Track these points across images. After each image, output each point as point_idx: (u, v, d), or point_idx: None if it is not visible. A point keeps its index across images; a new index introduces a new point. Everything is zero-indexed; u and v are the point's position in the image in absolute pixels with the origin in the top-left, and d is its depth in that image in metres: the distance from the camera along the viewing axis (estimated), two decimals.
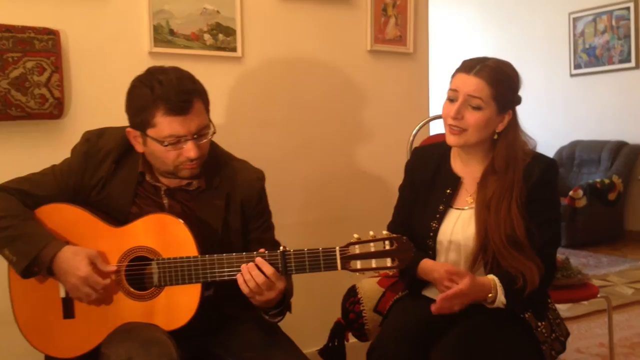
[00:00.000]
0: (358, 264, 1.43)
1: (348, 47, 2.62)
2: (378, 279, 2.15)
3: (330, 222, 2.62)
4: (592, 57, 6.02)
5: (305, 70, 2.53)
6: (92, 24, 2.11)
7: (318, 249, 1.44)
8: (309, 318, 2.52)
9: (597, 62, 5.98)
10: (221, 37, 2.29)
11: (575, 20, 6.12)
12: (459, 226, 1.72)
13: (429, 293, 1.80)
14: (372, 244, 1.43)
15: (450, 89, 1.68)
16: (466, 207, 1.74)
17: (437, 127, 2.32)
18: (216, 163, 1.65)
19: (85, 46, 2.10)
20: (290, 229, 2.49)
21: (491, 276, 1.60)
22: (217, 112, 2.34)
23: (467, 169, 1.77)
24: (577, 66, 6.15)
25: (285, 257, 1.46)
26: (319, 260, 1.44)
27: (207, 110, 1.56)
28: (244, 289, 1.45)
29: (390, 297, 1.97)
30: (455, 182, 1.77)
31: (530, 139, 1.75)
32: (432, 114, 2.79)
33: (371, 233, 1.44)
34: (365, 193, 2.70)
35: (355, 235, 1.44)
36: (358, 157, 2.69)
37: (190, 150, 1.49)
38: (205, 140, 1.54)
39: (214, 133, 1.57)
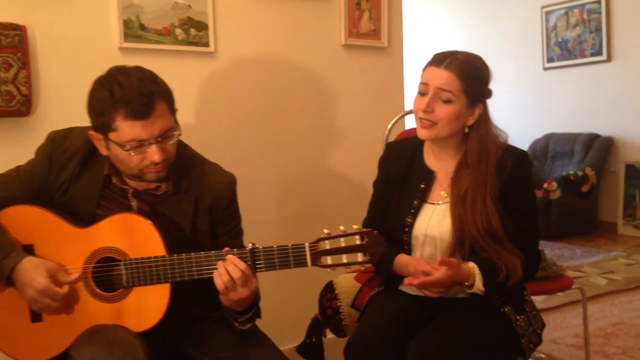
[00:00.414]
0: (329, 260, 1.41)
1: (322, 41, 2.60)
2: (355, 274, 2.14)
3: (305, 218, 2.60)
4: (565, 51, 6.09)
5: (279, 65, 2.50)
6: (60, 19, 2.06)
7: (287, 246, 1.42)
8: (286, 315, 2.51)
9: (570, 55, 6.04)
10: (193, 31, 2.25)
11: (547, 14, 6.18)
12: (434, 221, 1.72)
13: (405, 288, 1.79)
14: (342, 239, 1.41)
15: (421, 83, 1.68)
16: (440, 202, 1.74)
17: (412, 122, 2.31)
18: (185, 166, 1.62)
19: (54, 42, 2.05)
20: (265, 226, 2.47)
21: (471, 263, 1.61)
22: (190, 109, 2.31)
23: (440, 163, 1.77)
24: (550, 59, 6.21)
25: (254, 255, 1.43)
26: (288, 257, 1.42)
27: (172, 111, 1.52)
28: (220, 286, 1.43)
29: (367, 293, 1.96)
30: (428, 176, 1.77)
31: (502, 131, 1.75)
32: (407, 108, 2.79)
33: (341, 228, 1.42)
34: (341, 188, 2.69)
35: (325, 231, 1.42)
36: (333, 152, 2.68)
37: (154, 154, 1.45)
38: (170, 143, 1.50)
39: (180, 135, 1.52)
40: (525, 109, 6.42)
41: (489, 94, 1.72)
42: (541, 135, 6.18)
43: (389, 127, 2.50)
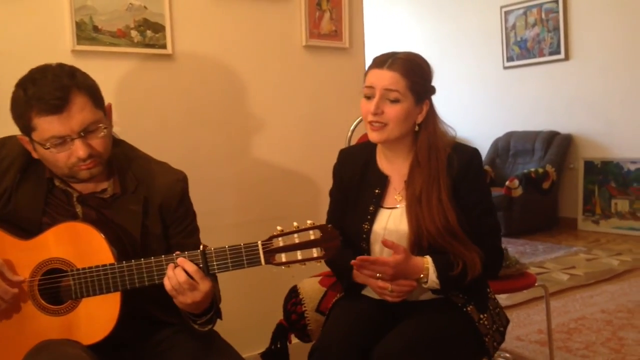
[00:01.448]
0: (283, 257, 1.38)
1: (282, 42, 2.57)
2: (319, 278, 2.12)
3: (267, 222, 2.52)
4: (524, 50, 6.18)
5: (239, 67, 2.46)
6: (9, 21, 1.99)
7: (240, 245, 1.38)
8: (251, 321, 2.47)
9: (529, 54, 6.14)
10: (149, 33, 2.20)
11: (506, 13, 6.26)
12: (391, 225, 1.71)
13: (369, 292, 1.78)
14: (296, 235, 1.38)
15: (366, 87, 1.68)
16: (397, 206, 1.73)
17: None
18: (131, 166, 1.57)
19: (3, 45, 1.98)
20: (225, 231, 2.43)
21: (427, 257, 1.61)
22: (147, 112, 2.26)
23: (393, 167, 1.76)
24: (510, 59, 6.30)
25: (206, 256, 1.39)
26: (241, 257, 1.38)
27: (98, 105, 1.46)
28: (169, 288, 1.39)
29: (332, 297, 1.94)
30: (383, 181, 1.76)
31: (450, 128, 1.75)
32: None
33: (295, 224, 1.39)
34: (302, 191, 2.67)
35: (279, 228, 1.39)
36: (294, 154, 2.65)
37: (78, 149, 1.40)
38: (98, 137, 1.44)
39: (106, 128, 1.46)
40: (487, 107, 6.50)
41: (433, 90, 1.73)
42: (503, 134, 6.27)
43: (351, 128, 2.48)
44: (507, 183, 5.49)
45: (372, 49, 1.86)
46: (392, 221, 1.71)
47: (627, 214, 5.44)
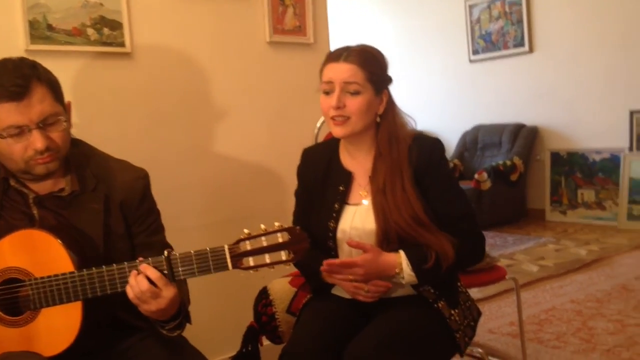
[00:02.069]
0: (251, 261, 1.34)
1: (246, 38, 2.52)
2: (289, 278, 2.08)
3: (235, 222, 2.50)
4: (489, 43, 6.22)
5: (201, 64, 2.40)
6: None
7: (206, 250, 1.34)
8: (221, 324, 2.43)
9: (494, 47, 6.18)
10: (106, 31, 2.12)
11: (471, 7, 6.30)
12: (357, 221, 1.68)
13: (339, 292, 1.75)
14: (263, 238, 1.34)
15: (324, 82, 1.66)
16: (362, 202, 1.70)
17: None
18: (90, 164, 1.52)
19: None
20: (193, 232, 2.38)
21: (400, 251, 1.60)
22: (106, 113, 2.19)
23: (357, 162, 1.74)
24: (475, 52, 6.33)
25: (171, 262, 1.34)
26: (207, 262, 1.34)
27: (58, 99, 1.43)
28: (131, 297, 1.35)
29: (303, 297, 1.91)
30: (346, 177, 1.73)
31: (410, 118, 1.74)
32: None
33: (262, 226, 1.35)
34: (270, 190, 2.62)
35: (246, 231, 1.35)
36: (261, 152, 2.60)
37: (36, 140, 1.36)
38: (58, 131, 1.40)
39: (66, 122, 1.43)
40: (454, 101, 6.53)
41: (390, 80, 1.72)
42: (470, 127, 6.31)
43: (318, 125, 2.45)
44: (475, 176, 5.53)
45: (338, 45, 1.83)
46: (358, 218, 1.68)
47: (593, 204, 5.52)
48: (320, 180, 1.77)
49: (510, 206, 5.79)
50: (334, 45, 2.89)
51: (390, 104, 1.71)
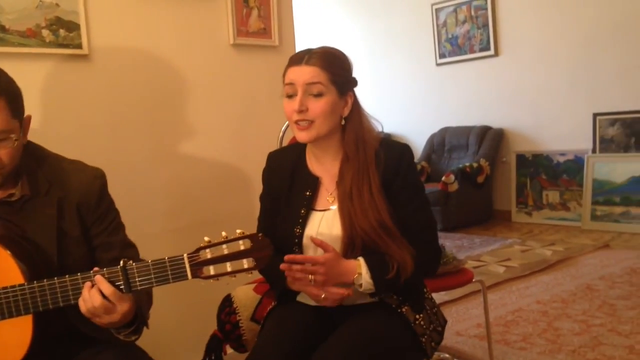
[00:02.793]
0: (211, 270, 1.30)
1: (209, 41, 2.47)
2: (254, 285, 2.04)
3: (201, 226, 2.47)
4: (455, 47, 6.27)
5: (163, 66, 2.35)
6: None
7: (164, 259, 1.29)
8: (184, 332, 2.37)
9: (460, 51, 6.23)
10: (63, 32, 2.06)
11: (437, 10, 6.34)
12: (323, 227, 1.65)
13: (304, 299, 1.71)
14: (225, 245, 1.30)
15: (287, 85, 1.62)
16: (329, 208, 1.67)
17: None
18: (41, 167, 1.46)
19: None
20: (158, 237, 2.33)
21: (359, 258, 1.57)
22: (63, 116, 2.12)
23: (324, 168, 1.71)
24: (442, 55, 6.38)
25: (127, 272, 1.30)
26: (165, 271, 1.29)
27: (15, 115, 1.36)
28: (84, 312, 1.30)
29: (268, 304, 1.87)
30: (313, 183, 1.70)
31: (376, 121, 1.72)
32: None
33: (223, 234, 1.31)
34: (235, 194, 2.58)
35: (206, 239, 1.31)
36: (225, 156, 2.55)
37: None
38: (6, 148, 1.33)
39: (17, 140, 1.35)
40: (422, 104, 6.57)
41: (355, 82, 1.69)
42: (437, 130, 6.34)
43: (282, 129, 2.41)
44: (443, 178, 5.56)
45: (304, 47, 1.80)
46: (324, 224, 1.65)
47: (557, 205, 5.60)
48: (287, 185, 1.73)
49: (477, 208, 5.84)
50: (300, 48, 2.86)
51: (356, 106, 1.68)
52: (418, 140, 6.36)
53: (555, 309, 3.25)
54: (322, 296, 1.55)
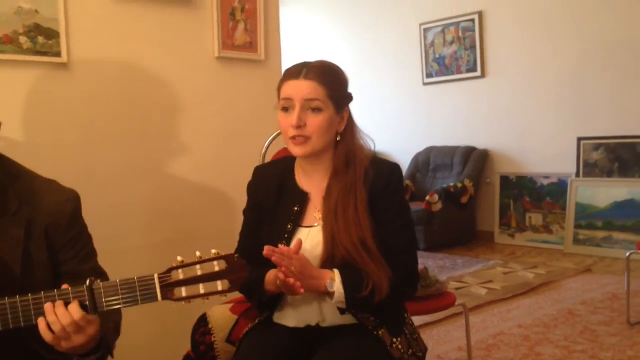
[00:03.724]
0: (183, 292, 1.24)
1: (193, 53, 2.43)
2: (230, 305, 1.99)
3: (180, 242, 2.41)
4: (442, 67, 6.28)
5: (145, 78, 2.30)
6: None
7: (133, 279, 1.23)
8: (156, 352, 2.30)
9: (447, 71, 6.25)
10: (41, 39, 2.00)
11: (425, 30, 6.36)
12: (307, 244, 1.61)
13: (282, 320, 1.66)
14: (198, 266, 1.24)
15: (283, 99, 1.58)
16: (315, 224, 1.63)
17: None
18: (13, 184, 1.40)
19: None
20: (135, 253, 2.26)
21: (335, 270, 1.53)
22: (39, 126, 2.05)
23: (313, 183, 1.67)
24: (429, 75, 6.39)
25: (93, 292, 1.23)
26: (134, 292, 1.23)
27: None
28: (47, 336, 1.22)
29: (244, 325, 1.81)
30: (302, 198, 1.66)
31: (369, 139, 1.69)
32: None
33: (197, 254, 1.25)
34: (218, 209, 2.53)
35: (179, 258, 1.25)
36: (207, 171, 2.50)
37: None
38: None
39: None
40: (408, 122, 6.56)
41: (350, 97, 1.66)
42: (423, 148, 6.33)
43: (266, 144, 2.37)
44: (427, 197, 5.54)
45: (289, 63, 1.76)
46: (309, 240, 1.61)
47: (540, 227, 5.60)
48: (273, 199, 1.68)
49: (460, 228, 5.82)
50: (285, 63, 2.82)
51: (350, 122, 1.65)
52: (403, 158, 6.34)
53: (536, 333, 3.22)
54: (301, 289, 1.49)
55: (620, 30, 5.07)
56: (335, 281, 1.51)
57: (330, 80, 1.58)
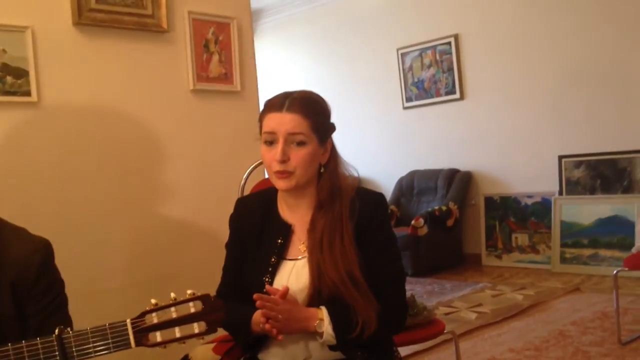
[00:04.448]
0: (158, 336, 1.19)
1: (167, 87, 2.40)
2: (213, 345, 1.92)
3: (162, 280, 2.35)
4: (421, 90, 6.31)
5: (119, 114, 2.26)
6: None
7: (104, 325, 1.19)
8: None
9: (426, 94, 6.27)
10: (10, 79, 1.96)
11: (403, 55, 6.40)
12: (293, 278, 1.56)
13: (268, 358, 1.61)
14: (173, 308, 1.20)
15: (266, 132, 1.55)
16: (300, 257, 1.58)
17: None
18: None
19: None
20: (115, 294, 2.20)
21: (322, 307, 1.49)
22: (9, 167, 1.99)
23: (297, 216, 1.63)
24: (409, 99, 6.41)
25: (63, 342, 1.17)
26: (106, 339, 1.18)
27: None
28: None
29: None
30: (285, 230, 1.62)
31: (352, 168, 1.66)
32: None
33: (172, 295, 1.21)
34: (198, 245, 2.47)
35: (153, 301, 1.21)
36: (186, 206, 2.45)
37: None
38: None
39: None
40: (389, 147, 6.56)
41: (334, 128, 1.64)
42: (406, 173, 6.32)
43: (244, 176, 2.32)
44: (412, 222, 5.50)
45: (267, 93, 1.74)
46: (294, 273, 1.57)
47: (527, 248, 5.57)
48: (256, 231, 1.64)
49: (447, 251, 5.78)
50: (263, 93, 2.80)
51: (334, 153, 1.62)
52: (386, 183, 6.32)
53: (528, 357, 3.17)
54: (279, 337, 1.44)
55: (594, 47, 5.14)
56: (324, 321, 1.47)
57: (313, 113, 1.55)
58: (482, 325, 3.80)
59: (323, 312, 1.48)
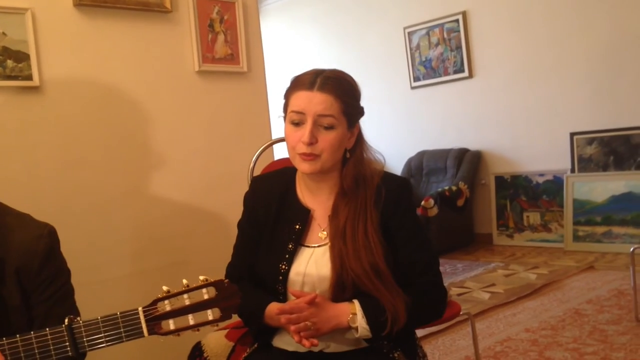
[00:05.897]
0: (171, 324, 1.16)
1: (172, 68, 2.34)
2: (226, 331, 1.88)
3: (170, 267, 2.31)
4: (429, 69, 6.22)
5: (123, 97, 2.20)
6: None
7: (116, 314, 1.15)
8: None
9: (434, 73, 6.18)
10: (10, 63, 1.90)
11: (410, 34, 6.30)
12: (312, 266, 1.50)
13: (280, 343, 1.56)
14: (186, 295, 1.16)
15: (294, 112, 1.46)
16: (320, 244, 1.52)
17: (281, 150, 2.09)
18: None
19: None
20: (125, 281, 2.16)
21: (354, 301, 1.43)
22: (11, 154, 1.95)
23: (317, 200, 1.56)
24: (417, 78, 6.32)
25: (73, 332, 1.13)
26: (118, 329, 1.14)
27: None
28: None
29: (242, 352, 1.71)
30: (304, 215, 1.54)
31: (379, 154, 1.59)
32: (274, 136, 2.58)
33: (185, 282, 1.17)
34: (206, 230, 2.42)
35: (165, 288, 1.16)
36: (194, 191, 2.40)
37: None
38: None
39: None
40: (398, 128, 6.49)
41: (363, 112, 1.56)
42: (415, 153, 6.25)
43: (253, 159, 2.27)
44: (422, 203, 5.44)
45: (274, 73, 1.67)
46: (313, 261, 1.50)
47: (539, 226, 5.51)
48: (273, 214, 1.57)
49: (458, 232, 5.73)
50: (270, 74, 2.73)
51: (360, 138, 1.55)
52: (395, 164, 6.26)
53: (545, 337, 3.12)
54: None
55: (606, 23, 5.03)
56: (357, 315, 1.41)
57: (345, 94, 1.47)
58: (496, 305, 3.76)
59: (356, 305, 1.42)
